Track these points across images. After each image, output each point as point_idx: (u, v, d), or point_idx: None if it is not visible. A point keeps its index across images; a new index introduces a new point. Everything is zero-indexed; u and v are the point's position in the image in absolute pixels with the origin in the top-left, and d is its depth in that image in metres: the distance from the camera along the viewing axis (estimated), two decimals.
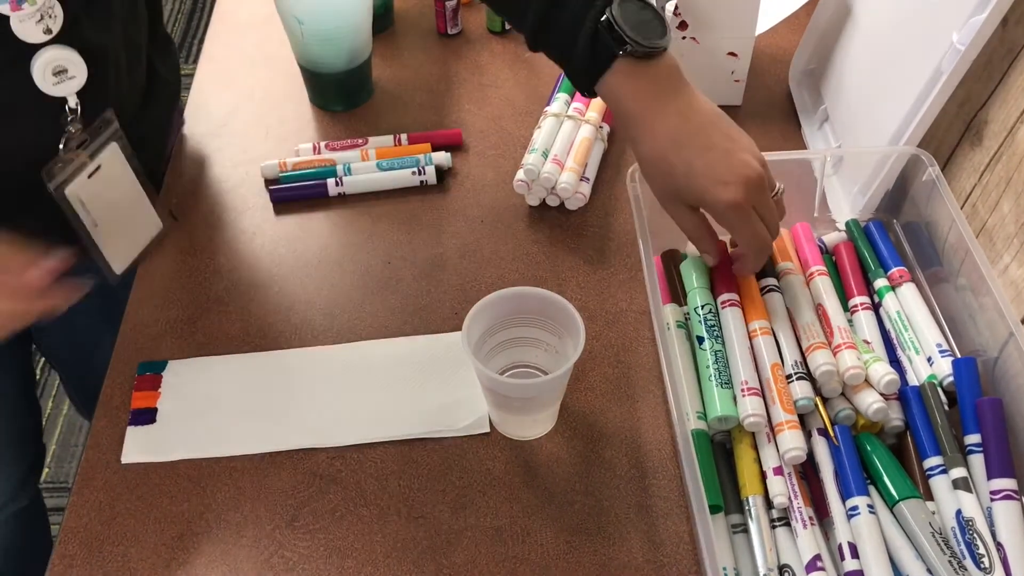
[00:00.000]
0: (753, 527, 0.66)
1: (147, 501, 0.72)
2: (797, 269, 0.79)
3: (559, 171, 0.90)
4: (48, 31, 0.68)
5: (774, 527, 0.67)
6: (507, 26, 1.11)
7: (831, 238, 0.83)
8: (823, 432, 0.70)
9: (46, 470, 1.65)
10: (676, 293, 0.80)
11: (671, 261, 0.82)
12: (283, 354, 0.81)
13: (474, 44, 1.11)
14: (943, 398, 0.70)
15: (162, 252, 0.88)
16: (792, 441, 0.67)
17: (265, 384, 0.79)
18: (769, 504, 0.68)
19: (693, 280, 0.78)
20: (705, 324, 0.75)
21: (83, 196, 0.75)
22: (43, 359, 1.74)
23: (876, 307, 0.79)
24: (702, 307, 0.76)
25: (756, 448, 0.70)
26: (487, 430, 0.76)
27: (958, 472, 0.66)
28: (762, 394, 0.70)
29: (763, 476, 0.68)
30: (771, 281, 0.77)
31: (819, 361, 0.70)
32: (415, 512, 0.72)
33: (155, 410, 0.77)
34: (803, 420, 0.71)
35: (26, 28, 0.67)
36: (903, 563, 0.64)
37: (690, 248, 0.83)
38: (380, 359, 0.80)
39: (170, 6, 2.60)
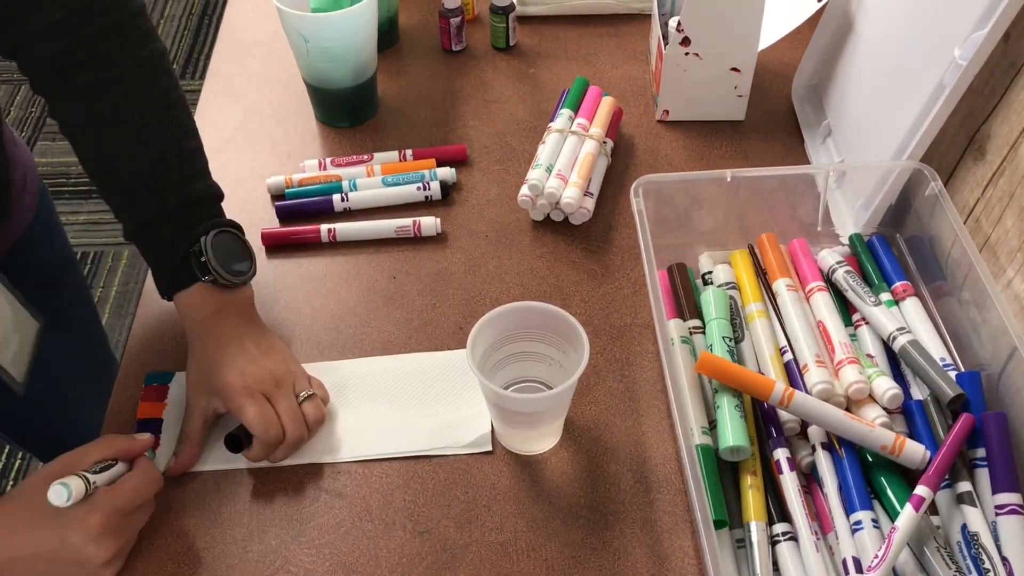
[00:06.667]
0: (754, 552, 0.66)
1: (152, 515, 0.72)
2: (796, 286, 0.79)
3: (563, 186, 0.90)
4: None
5: (778, 542, 0.67)
6: (511, 42, 1.12)
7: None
8: (826, 446, 0.70)
9: None
10: (681, 308, 0.80)
11: (675, 276, 0.82)
12: None
13: (478, 60, 1.12)
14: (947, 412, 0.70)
15: None
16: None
17: None
18: (771, 521, 0.67)
19: (712, 311, 0.77)
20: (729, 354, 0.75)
21: None
22: None
23: None
24: (724, 339, 0.76)
25: (759, 474, 0.69)
26: (489, 448, 0.76)
27: (963, 486, 0.66)
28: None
29: (767, 503, 0.68)
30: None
31: (815, 379, 0.71)
32: (420, 527, 0.72)
33: (161, 420, 0.78)
34: (806, 435, 0.71)
35: None
36: None
37: (701, 262, 0.84)
38: (385, 375, 0.81)
39: (176, 22, 2.62)
